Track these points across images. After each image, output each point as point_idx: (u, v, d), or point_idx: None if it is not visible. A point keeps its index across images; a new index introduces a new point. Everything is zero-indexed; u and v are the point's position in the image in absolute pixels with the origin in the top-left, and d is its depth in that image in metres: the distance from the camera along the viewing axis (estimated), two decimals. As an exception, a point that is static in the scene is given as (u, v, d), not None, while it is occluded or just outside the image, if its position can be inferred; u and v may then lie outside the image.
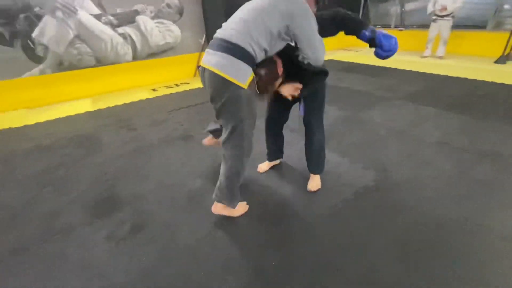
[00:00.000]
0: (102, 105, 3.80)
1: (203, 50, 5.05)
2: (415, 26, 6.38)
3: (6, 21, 3.49)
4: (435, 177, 1.84)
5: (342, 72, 4.77)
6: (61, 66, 3.97)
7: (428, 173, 1.88)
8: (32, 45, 3.71)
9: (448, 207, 1.57)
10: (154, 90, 4.42)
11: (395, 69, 4.72)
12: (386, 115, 2.87)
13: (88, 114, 3.50)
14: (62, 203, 1.81)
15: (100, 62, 4.24)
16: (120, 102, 3.85)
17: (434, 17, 5.08)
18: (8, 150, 2.63)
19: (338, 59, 5.87)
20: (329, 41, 7.44)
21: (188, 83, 4.69)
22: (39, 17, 3.66)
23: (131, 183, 1.99)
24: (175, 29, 4.74)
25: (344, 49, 7.06)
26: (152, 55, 4.66)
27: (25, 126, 3.23)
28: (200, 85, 1.42)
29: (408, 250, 1.33)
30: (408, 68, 4.70)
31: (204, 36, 5.02)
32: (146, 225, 1.58)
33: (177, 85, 4.62)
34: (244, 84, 1.21)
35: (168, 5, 4.58)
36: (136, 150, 2.46)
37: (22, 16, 3.57)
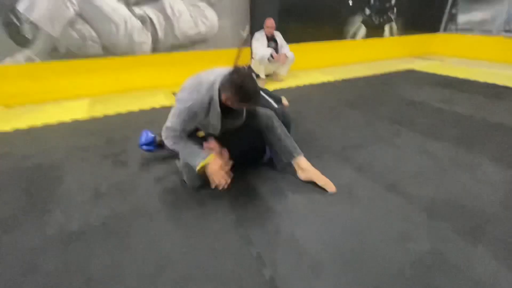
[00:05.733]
0: (99, 111, 2.68)
1: (245, 45, 3.81)
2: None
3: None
4: None
5: (449, 89, 3.27)
6: (55, 53, 2.93)
7: None
8: (16, 22, 2.70)
9: None
10: (174, 94, 3.24)
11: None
12: None
13: (74, 124, 2.38)
14: None
15: (107, 51, 3.15)
16: (123, 109, 2.71)
17: None
18: None
19: (423, 70, 4.34)
20: (388, 45, 5.38)
21: (220, 88, 3.47)
22: (29, -16, 2.64)
23: None
24: (211, 15, 3.56)
25: (421, 57, 5.49)
26: (178, 47, 3.51)
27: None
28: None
29: None
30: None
31: (248, 26, 3.78)
32: None
33: (205, 90, 3.42)
34: None
35: (205, -19, 3.41)
36: (106, 224, 1.22)
37: (6, -20, 2.57)
